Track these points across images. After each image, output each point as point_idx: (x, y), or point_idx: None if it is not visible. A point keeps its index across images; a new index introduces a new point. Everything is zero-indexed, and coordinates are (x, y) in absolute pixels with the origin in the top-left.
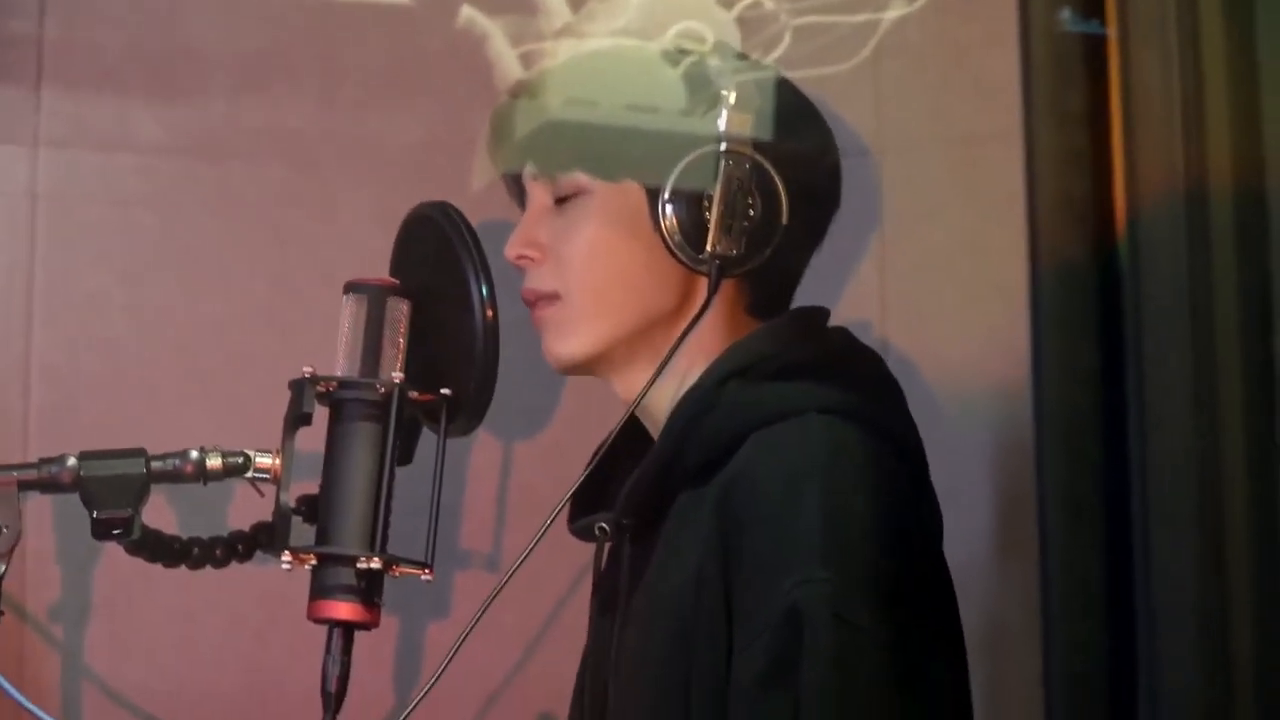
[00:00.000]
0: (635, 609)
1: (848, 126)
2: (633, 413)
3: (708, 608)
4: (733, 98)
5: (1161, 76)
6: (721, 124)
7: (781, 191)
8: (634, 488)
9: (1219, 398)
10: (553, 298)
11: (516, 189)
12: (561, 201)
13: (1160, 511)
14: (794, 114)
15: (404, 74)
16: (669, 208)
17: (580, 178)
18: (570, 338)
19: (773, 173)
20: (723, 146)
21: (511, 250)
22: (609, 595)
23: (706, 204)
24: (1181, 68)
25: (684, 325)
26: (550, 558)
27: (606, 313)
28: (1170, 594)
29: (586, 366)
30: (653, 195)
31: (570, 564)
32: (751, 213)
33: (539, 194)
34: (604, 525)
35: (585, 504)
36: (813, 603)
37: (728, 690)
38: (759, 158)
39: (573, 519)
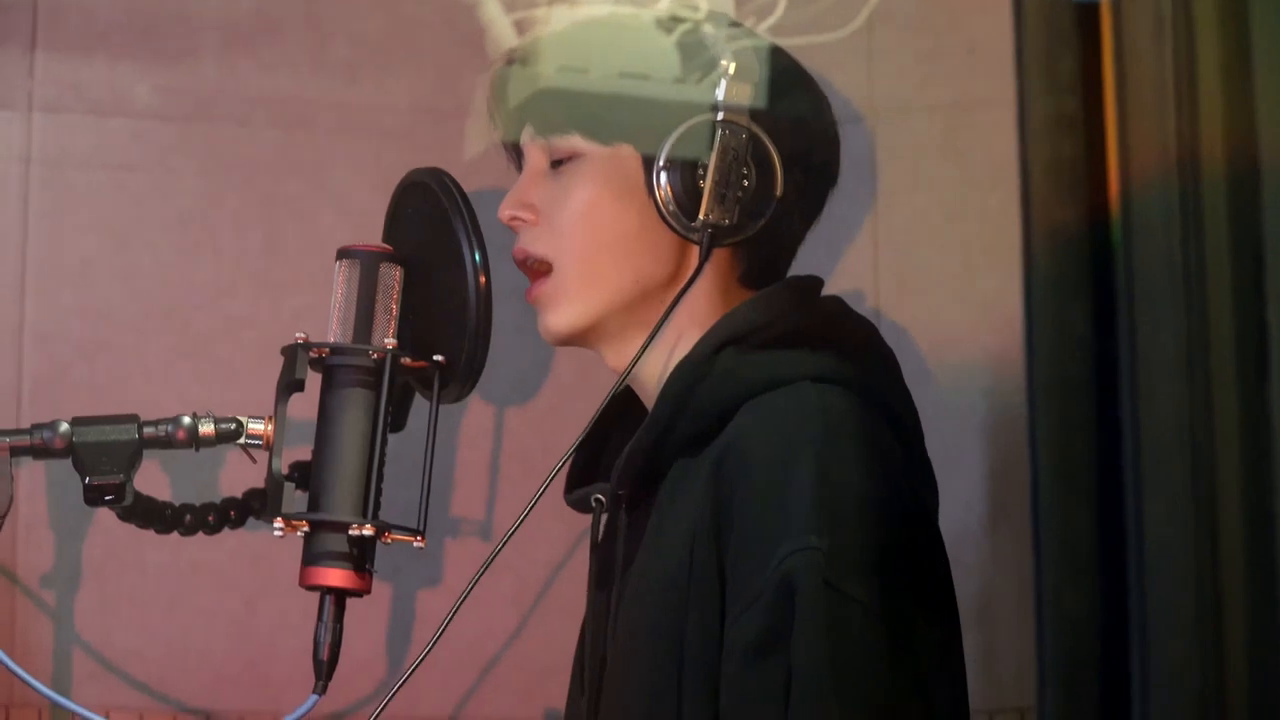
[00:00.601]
0: (632, 579)
1: (840, 93)
2: (625, 384)
3: (701, 577)
4: (732, 67)
5: (1154, 42)
6: (720, 93)
7: (777, 163)
8: (629, 458)
9: (1211, 365)
10: (544, 266)
11: (514, 152)
12: (557, 165)
13: (1152, 479)
14: (793, 86)
15: (396, 39)
16: (663, 175)
17: (576, 140)
18: (563, 309)
19: (769, 144)
20: (719, 116)
21: (505, 211)
22: (606, 566)
23: (701, 172)
24: (1174, 33)
25: (675, 295)
26: (544, 526)
27: (599, 281)
28: (1162, 561)
29: (579, 338)
30: (648, 161)
31: (565, 532)
32: (746, 183)
33: (535, 156)
34: (599, 496)
35: (580, 475)
36: (805, 572)
37: (721, 659)
38: (755, 128)
39: (568, 490)
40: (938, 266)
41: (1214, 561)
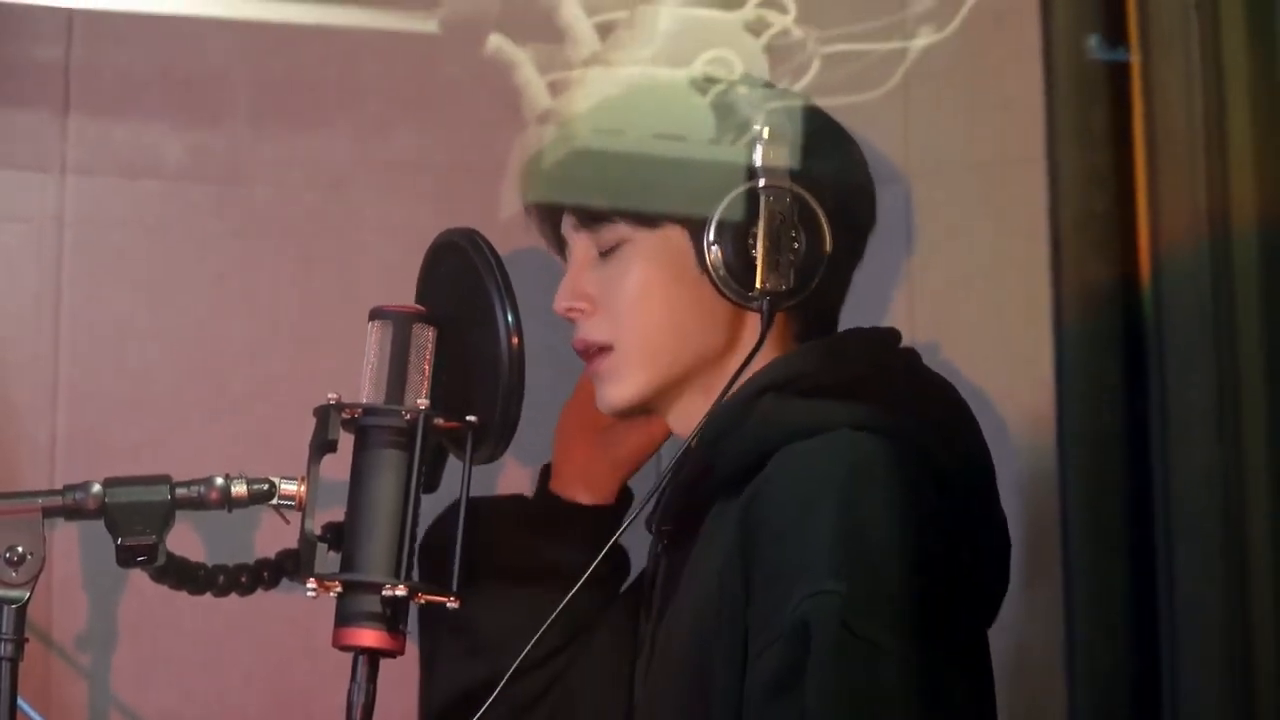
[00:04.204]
0: (666, 618)
1: (877, 152)
2: (671, 435)
3: (728, 618)
4: (766, 131)
5: (1184, 99)
6: (758, 159)
7: (823, 220)
8: (670, 498)
9: (1242, 419)
10: (605, 349)
11: (555, 239)
12: (606, 254)
13: (1185, 534)
14: (825, 139)
15: (429, 100)
16: (714, 248)
17: (621, 228)
18: (623, 384)
19: (813, 203)
20: (761, 181)
21: (560, 304)
22: (644, 606)
23: (751, 241)
24: (1204, 90)
25: (733, 359)
26: None
27: (657, 359)
28: (1195, 617)
29: (638, 410)
30: (696, 237)
31: None
32: (796, 245)
33: (582, 246)
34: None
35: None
36: (822, 614)
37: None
38: (798, 189)
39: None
40: (972, 322)
41: (1245, 616)
